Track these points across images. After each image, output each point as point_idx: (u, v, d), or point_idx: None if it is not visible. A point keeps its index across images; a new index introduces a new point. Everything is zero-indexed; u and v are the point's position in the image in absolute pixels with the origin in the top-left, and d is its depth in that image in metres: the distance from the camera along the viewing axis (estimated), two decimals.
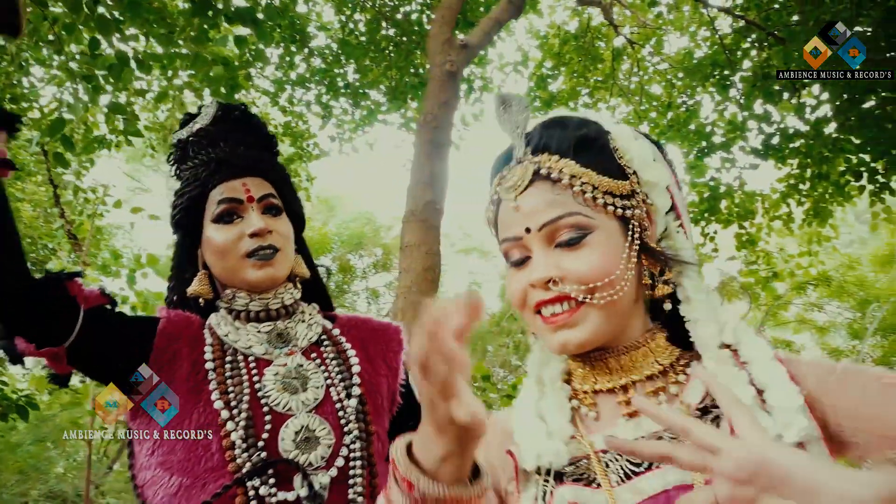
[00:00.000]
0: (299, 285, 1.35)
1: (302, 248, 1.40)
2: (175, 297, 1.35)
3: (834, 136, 5.59)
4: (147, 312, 4.98)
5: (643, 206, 0.87)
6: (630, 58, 7.31)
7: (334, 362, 1.27)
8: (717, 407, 0.79)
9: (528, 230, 0.84)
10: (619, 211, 0.83)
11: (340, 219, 12.82)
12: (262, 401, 1.18)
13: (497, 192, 0.89)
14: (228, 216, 1.26)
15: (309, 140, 7.35)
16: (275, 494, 1.11)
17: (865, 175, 5.67)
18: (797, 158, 6.17)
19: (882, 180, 5.63)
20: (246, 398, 1.17)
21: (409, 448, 0.70)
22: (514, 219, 0.86)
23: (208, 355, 1.21)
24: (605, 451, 0.82)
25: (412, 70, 6.85)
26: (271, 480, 1.12)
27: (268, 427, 1.16)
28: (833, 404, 0.76)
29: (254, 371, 1.21)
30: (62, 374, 1.19)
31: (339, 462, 1.17)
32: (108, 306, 1.21)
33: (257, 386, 1.19)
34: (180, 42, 4.53)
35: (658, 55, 7.40)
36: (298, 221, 1.39)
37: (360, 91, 7.04)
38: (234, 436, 1.13)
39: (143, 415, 1.19)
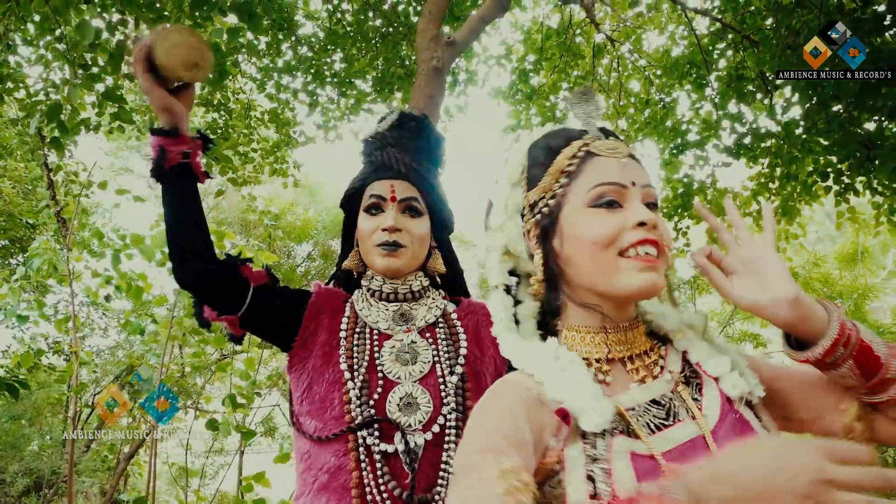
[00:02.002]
0: (437, 278, 1.59)
1: (443, 247, 1.62)
2: (339, 267, 1.64)
3: (803, 137, 5.81)
4: (130, 295, 5.09)
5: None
6: (610, 55, 7.47)
7: (444, 342, 1.47)
8: (694, 374, 0.99)
9: (633, 183, 0.98)
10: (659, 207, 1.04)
11: (322, 205, 12.88)
12: (378, 368, 1.41)
13: (589, 148, 1.01)
14: (374, 209, 1.51)
15: (295, 127, 7.42)
16: (378, 445, 1.33)
17: (832, 176, 5.90)
18: (768, 158, 6.38)
19: (847, 181, 5.86)
20: (365, 364, 1.41)
21: None
22: (619, 170, 0.98)
23: (343, 325, 1.47)
24: (631, 409, 0.93)
25: (398, 61, 6.94)
26: (376, 433, 1.34)
27: (379, 390, 1.39)
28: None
29: (375, 343, 1.45)
30: (237, 336, 1.50)
31: (436, 428, 1.37)
32: (271, 283, 1.50)
33: (376, 355, 1.43)
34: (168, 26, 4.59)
35: (637, 52, 7.57)
36: (441, 226, 1.61)
37: (347, 80, 7.11)
38: (351, 393, 1.37)
39: (296, 370, 1.48)
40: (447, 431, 1.37)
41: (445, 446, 1.37)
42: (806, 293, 0.91)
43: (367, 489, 1.32)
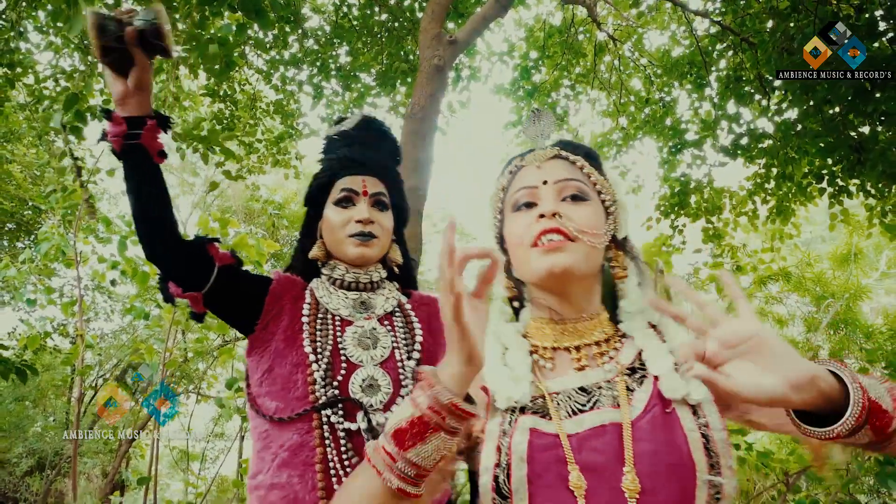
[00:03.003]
0: (393, 268, 1.69)
1: (400, 240, 1.73)
2: (298, 257, 1.70)
3: (799, 139, 5.90)
4: (136, 280, 5.20)
5: (616, 211, 1.16)
6: (611, 53, 7.56)
7: (402, 330, 1.59)
8: (643, 367, 1.06)
9: (544, 182, 1.10)
10: (606, 203, 1.13)
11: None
12: (341, 352, 1.51)
13: (517, 166, 1.15)
14: (345, 202, 1.61)
15: (299, 119, 7.51)
16: (342, 423, 1.43)
17: (826, 178, 5.99)
18: (764, 158, 6.47)
19: (841, 184, 5.96)
20: (329, 348, 1.50)
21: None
22: (534, 175, 1.12)
23: (305, 311, 1.54)
24: (556, 394, 1.03)
25: (402, 55, 7.04)
26: (340, 413, 1.44)
27: (342, 372, 1.48)
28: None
29: (338, 328, 1.54)
30: (199, 313, 1.55)
31: (395, 407, 1.47)
32: (236, 265, 1.55)
33: (339, 340, 1.53)
34: (177, 19, 4.69)
35: (638, 51, 7.65)
36: (402, 220, 1.72)
37: (351, 74, 7.21)
38: (316, 375, 1.46)
39: (255, 353, 1.55)
40: None
41: None
42: (813, 364, 0.85)
43: (331, 464, 1.40)
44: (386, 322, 1.60)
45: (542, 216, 1.06)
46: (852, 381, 0.83)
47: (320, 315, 1.55)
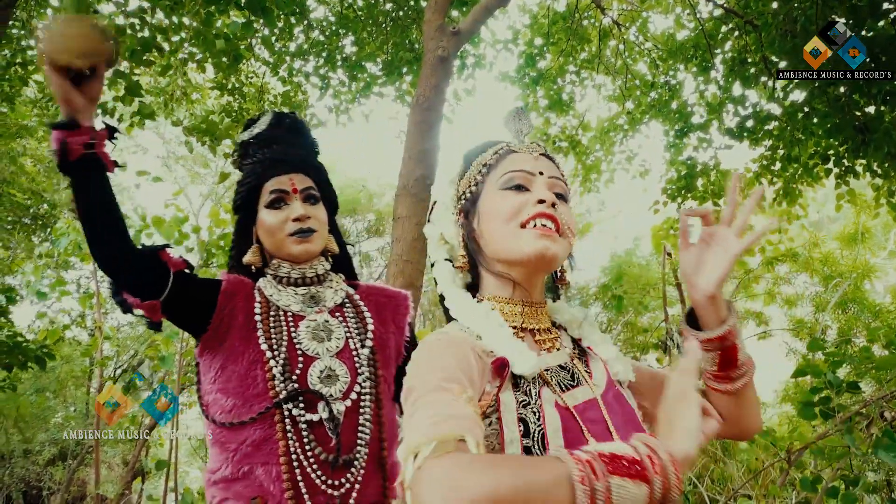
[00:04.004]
0: (330, 259, 1.72)
1: (334, 229, 1.76)
2: (234, 263, 1.72)
3: (804, 121, 5.91)
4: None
5: None
6: (616, 38, 7.57)
7: (353, 320, 1.64)
8: (581, 355, 1.19)
9: (541, 173, 1.15)
10: (571, 207, 1.20)
11: (335, 185, 13.04)
12: (297, 346, 1.54)
13: (505, 149, 1.20)
14: (277, 203, 1.62)
15: (307, 110, 7.57)
16: (303, 415, 1.47)
17: (832, 159, 6.01)
18: (770, 140, 6.49)
19: (847, 164, 5.97)
20: (285, 343, 1.53)
21: None
22: (530, 162, 1.16)
23: (257, 310, 1.57)
24: (547, 370, 1.09)
25: (407, 44, 7.08)
26: (301, 405, 1.47)
27: (300, 366, 1.52)
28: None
29: (291, 323, 1.57)
30: (155, 322, 1.54)
31: (353, 395, 1.53)
32: (187, 270, 1.56)
33: (293, 334, 1.56)
34: (184, 14, 4.77)
35: (643, 35, 7.65)
36: (332, 209, 1.75)
37: (357, 64, 7.25)
38: (274, 370, 1.49)
39: (208, 353, 1.57)
40: (363, 397, 1.54)
41: (361, 410, 1.53)
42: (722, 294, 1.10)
43: (294, 456, 1.44)
44: (337, 314, 1.64)
45: (541, 201, 1.11)
46: (734, 317, 1.09)
47: (272, 312, 1.58)
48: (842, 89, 5.31)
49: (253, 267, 1.68)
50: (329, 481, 1.45)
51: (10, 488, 9.76)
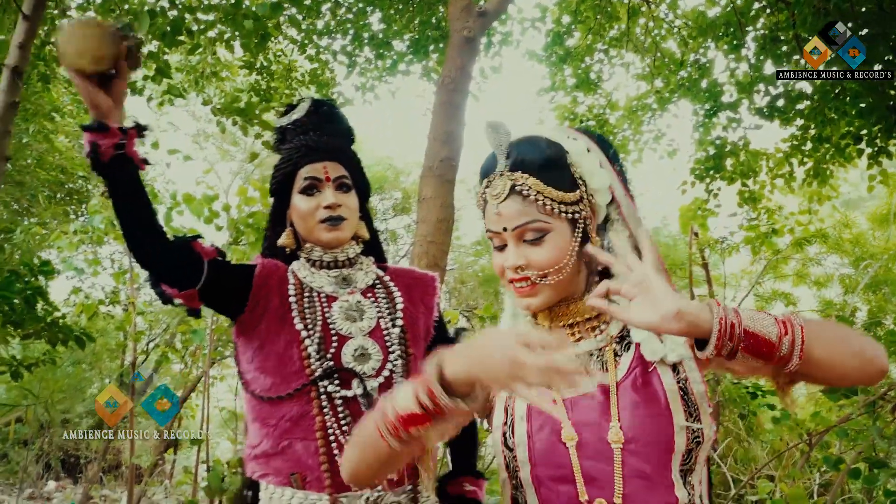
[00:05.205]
0: (361, 244, 1.79)
1: (365, 216, 1.82)
2: (268, 245, 1.79)
3: (837, 101, 5.81)
4: None
5: (588, 205, 1.20)
6: (645, 15, 7.46)
7: (384, 301, 1.71)
8: (628, 335, 1.20)
9: (504, 229, 1.19)
10: (569, 215, 1.18)
11: (363, 163, 13.11)
12: (331, 326, 1.62)
13: (485, 194, 1.22)
14: (310, 190, 1.68)
15: (334, 88, 7.61)
16: (339, 392, 1.56)
17: (865, 139, 5.90)
18: (801, 120, 6.39)
19: (880, 144, 5.87)
20: (319, 323, 1.61)
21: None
22: (496, 220, 1.19)
23: (291, 291, 1.65)
24: None
25: (434, 22, 7.07)
26: (336, 382, 1.56)
27: (334, 345, 1.60)
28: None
29: (325, 304, 1.65)
30: (195, 309, 1.63)
31: (386, 373, 1.61)
32: (220, 258, 1.64)
33: (327, 315, 1.63)
34: None
35: (673, 12, 7.54)
36: (364, 196, 1.81)
37: (384, 42, 7.26)
38: (310, 349, 1.57)
39: (245, 334, 1.66)
40: (394, 375, 1.62)
41: (393, 388, 1.53)
42: (689, 302, 1.01)
43: (330, 431, 1.53)
44: (369, 294, 1.71)
45: (513, 268, 1.18)
46: (717, 312, 0.99)
47: (306, 294, 1.66)
48: (877, 67, 5.21)
49: (287, 249, 1.74)
50: None
51: (49, 456, 10.10)
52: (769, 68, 6.37)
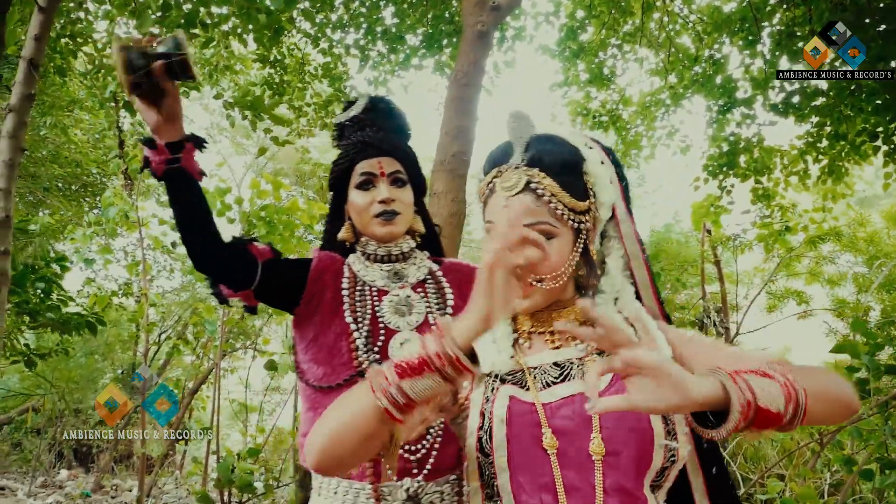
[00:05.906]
0: (417, 238, 1.82)
1: (422, 210, 1.86)
2: (327, 238, 1.85)
3: (853, 98, 5.75)
4: None
5: (592, 218, 1.19)
6: (660, 10, 7.42)
7: (434, 296, 1.74)
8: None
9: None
10: (575, 224, 1.16)
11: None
12: (379, 319, 1.66)
13: (494, 184, 1.18)
14: (366, 185, 1.72)
15: (347, 82, 7.61)
16: None
17: (881, 136, 5.85)
18: (817, 117, 6.33)
19: None
20: (368, 317, 1.65)
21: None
22: (501, 213, 1.15)
23: (345, 284, 1.70)
24: (534, 368, 1.16)
25: (448, 17, 7.05)
26: None
27: (381, 338, 1.63)
28: (683, 353, 1.16)
29: (375, 298, 1.69)
30: (252, 307, 1.74)
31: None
32: (276, 257, 1.71)
33: (377, 308, 1.67)
34: None
35: (687, 7, 7.48)
36: (420, 191, 1.84)
37: (398, 36, 7.25)
38: (358, 342, 1.62)
39: (301, 325, 1.72)
40: None
41: None
42: (703, 382, 0.92)
43: None
44: (419, 289, 1.73)
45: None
46: (739, 395, 0.90)
47: (358, 287, 1.70)
48: (894, 64, 5.16)
49: (347, 243, 1.79)
50: (406, 446, 1.56)
51: (62, 446, 10.21)
52: (784, 64, 6.33)
